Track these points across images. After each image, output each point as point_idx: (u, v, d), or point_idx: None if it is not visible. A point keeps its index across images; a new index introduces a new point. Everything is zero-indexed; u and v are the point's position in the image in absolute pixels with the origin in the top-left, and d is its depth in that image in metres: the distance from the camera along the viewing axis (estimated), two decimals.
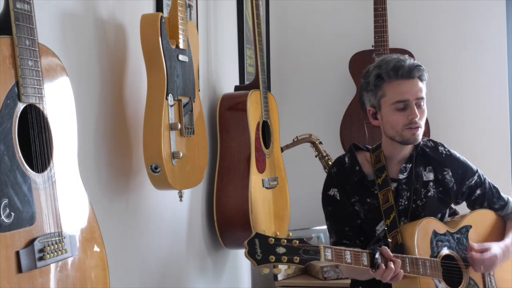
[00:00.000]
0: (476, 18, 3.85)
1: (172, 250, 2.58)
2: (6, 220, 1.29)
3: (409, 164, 2.37)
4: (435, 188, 2.38)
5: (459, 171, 2.43)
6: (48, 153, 1.44)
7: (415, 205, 2.34)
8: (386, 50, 3.68)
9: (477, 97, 3.84)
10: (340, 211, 2.37)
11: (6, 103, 1.33)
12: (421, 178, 2.37)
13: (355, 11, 3.95)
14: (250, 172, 2.82)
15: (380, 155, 2.38)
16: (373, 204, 2.34)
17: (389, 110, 2.29)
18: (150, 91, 2.14)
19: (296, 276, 3.55)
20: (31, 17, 1.39)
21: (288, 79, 4.05)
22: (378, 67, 2.31)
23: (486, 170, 2.56)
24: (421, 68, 2.31)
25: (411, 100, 2.27)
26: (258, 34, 2.99)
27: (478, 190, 2.46)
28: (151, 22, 2.13)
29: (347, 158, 2.42)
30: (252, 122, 2.86)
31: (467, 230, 2.37)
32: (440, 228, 2.31)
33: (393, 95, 2.28)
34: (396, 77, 2.27)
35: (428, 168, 2.39)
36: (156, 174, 2.10)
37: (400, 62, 2.28)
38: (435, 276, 2.20)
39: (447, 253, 2.28)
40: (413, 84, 2.28)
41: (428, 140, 2.47)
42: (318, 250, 1.92)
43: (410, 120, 2.27)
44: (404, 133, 2.29)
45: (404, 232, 2.26)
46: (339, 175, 2.40)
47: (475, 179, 2.45)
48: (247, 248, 1.86)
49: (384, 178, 2.33)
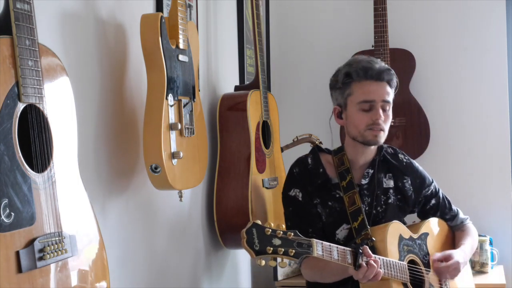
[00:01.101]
0: (476, 18, 3.85)
1: (172, 250, 2.58)
2: (6, 220, 1.29)
3: (371, 170, 2.38)
4: (395, 196, 2.40)
5: (417, 180, 2.46)
6: (48, 153, 1.44)
7: (375, 211, 2.35)
8: (386, 50, 3.68)
9: (477, 97, 3.84)
10: (302, 212, 2.36)
11: (6, 103, 1.33)
12: (381, 184, 2.39)
13: (355, 11, 3.95)
14: (250, 172, 2.82)
15: (343, 158, 2.38)
16: (334, 208, 2.34)
17: (354, 109, 2.30)
18: (150, 91, 2.14)
19: (296, 276, 3.55)
20: (31, 17, 1.39)
21: (288, 79, 4.04)
22: (349, 66, 2.34)
23: (486, 170, 2.56)
24: (391, 73, 2.32)
25: (377, 101, 2.28)
26: (258, 34, 2.99)
27: (433, 200, 2.50)
28: (151, 22, 2.13)
29: (309, 159, 2.42)
30: (252, 122, 2.86)
31: (425, 236, 2.41)
32: (405, 233, 2.33)
33: (360, 94, 2.29)
34: (365, 77, 2.29)
35: (388, 175, 2.41)
36: (156, 174, 2.10)
37: (371, 63, 2.31)
38: (404, 280, 2.22)
39: (412, 257, 2.31)
40: (381, 87, 2.30)
41: (388, 146, 2.48)
42: (311, 244, 1.92)
43: (374, 121, 2.28)
44: (366, 133, 2.30)
45: (374, 235, 2.26)
46: (301, 175, 2.39)
47: (431, 189, 2.50)
48: (245, 237, 1.83)
49: (349, 181, 2.34)
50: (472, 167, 3.78)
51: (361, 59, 2.34)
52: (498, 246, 3.64)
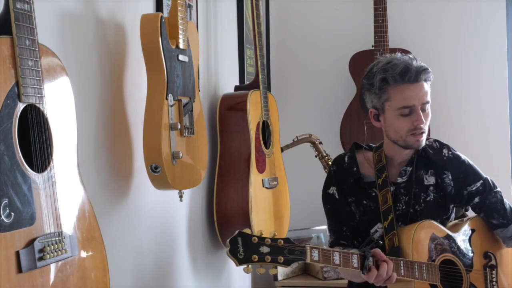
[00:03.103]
0: (476, 18, 3.85)
1: (172, 250, 2.58)
2: (6, 220, 1.29)
3: (409, 168, 2.30)
4: (436, 193, 2.30)
5: (461, 175, 2.32)
6: (48, 153, 1.44)
7: (413, 210, 2.27)
8: (386, 50, 3.68)
9: (477, 97, 3.84)
10: (338, 210, 2.33)
11: (6, 103, 1.33)
12: (421, 182, 2.29)
13: (355, 11, 3.95)
14: (250, 172, 2.82)
15: (382, 155, 2.31)
16: (368, 207, 2.29)
17: (394, 114, 2.20)
18: (150, 91, 2.14)
19: (296, 276, 3.55)
20: (31, 17, 1.39)
21: (288, 79, 4.05)
22: (384, 71, 2.21)
23: (486, 170, 2.54)
24: (428, 71, 2.21)
25: (417, 105, 2.18)
26: (258, 34, 2.99)
27: (476, 198, 2.33)
28: (151, 22, 2.13)
29: (346, 157, 2.38)
30: (252, 122, 2.86)
31: (470, 234, 2.30)
32: (440, 231, 2.23)
33: (399, 100, 2.19)
34: (402, 81, 2.18)
35: (430, 171, 2.31)
36: (156, 174, 2.10)
37: (408, 66, 2.19)
38: (432, 281, 2.13)
39: (447, 257, 2.21)
40: (419, 88, 2.19)
41: (435, 141, 2.38)
42: (304, 250, 1.87)
43: (415, 126, 2.18)
44: (408, 138, 2.21)
45: (401, 234, 2.20)
46: (338, 173, 2.35)
47: (477, 186, 2.33)
48: (229, 246, 1.82)
49: (384, 179, 2.27)
50: None
51: (398, 63, 2.21)
52: None
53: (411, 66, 2.19)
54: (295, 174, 3.70)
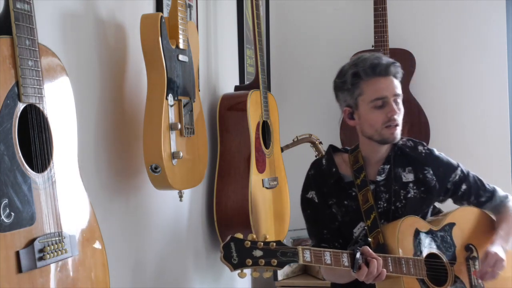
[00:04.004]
0: (476, 18, 3.85)
1: (172, 250, 2.58)
2: (6, 220, 1.29)
3: (387, 165, 2.34)
4: (416, 189, 2.34)
5: (440, 168, 2.40)
6: (48, 153, 1.44)
7: (394, 207, 2.31)
8: (386, 50, 3.68)
9: (477, 97, 3.84)
10: (318, 214, 2.35)
11: (6, 103, 1.33)
12: (400, 179, 2.34)
13: (355, 11, 3.95)
14: (250, 172, 2.82)
15: (358, 156, 2.36)
16: (350, 207, 2.32)
17: (367, 108, 2.27)
18: (150, 91, 2.14)
19: (296, 276, 3.56)
20: (31, 17, 1.39)
21: (288, 79, 4.05)
22: (355, 65, 2.30)
23: (486, 170, 2.56)
24: (397, 65, 2.31)
25: (389, 96, 2.27)
26: (258, 34, 2.99)
27: (463, 185, 2.42)
28: (151, 22, 2.13)
29: (324, 160, 2.42)
30: (252, 122, 2.86)
31: (450, 227, 2.35)
32: (423, 226, 2.28)
33: (371, 92, 2.27)
34: (373, 74, 2.27)
35: (408, 168, 2.36)
36: (156, 174, 2.10)
37: (377, 59, 2.28)
38: (419, 275, 2.17)
39: (431, 251, 2.26)
40: (390, 81, 2.28)
41: (408, 139, 2.44)
42: (296, 252, 1.90)
43: (389, 118, 2.25)
44: (383, 132, 2.27)
45: (386, 232, 2.23)
46: (316, 177, 2.39)
47: (458, 174, 2.42)
48: (222, 252, 1.84)
49: (363, 179, 2.31)
50: (472, 167, 3.75)
51: (367, 57, 2.31)
52: None
53: (380, 60, 2.28)
54: (295, 174, 3.68)
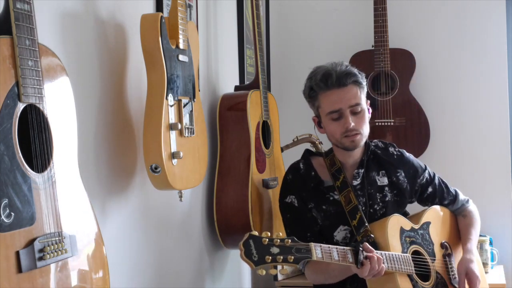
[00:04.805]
0: (476, 18, 3.85)
1: (172, 250, 2.58)
2: (6, 220, 1.29)
3: (361, 170, 2.37)
4: (391, 192, 2.39)
5: (411, 170, 2.44)
6: (48, 153, 1.44)
7: (372, 210, 2.35)
8: (386, 50, 3.68)
9: (477, 97, 3.84)
10: (299, 217, 2.37)
11: (6, 103, 1.33)
12: (375, 183, 2.38)
13: (355, 11, 3.95)
14: (250, 172, 2.82)
15: (334, 159, 2.39)
16: (329, 211, 2.35)
17: (326, 119, 2.31)
18: (150, 91, 2.14)
19: (296, 276, 3.55)
20: (31, 17, 1.39)
21: (288, 79, 4.04)
22: (309, 79, 2.34)
23: (486, 170, 2.56)
24: (352, 73, 2.28)
25: (344, 108, 2.27)
26: (258, 34, 2.99)
27: (429, 188, 2.47)
28: (151, 22, 2.13)
29: (301, 164, 2.43)
30: (252, 122, 2.86)
31: (427, 226, 2.41)
32: (406, 225, 2.33)
33: (326, 105, 2.29)
34: (326, 87, 2.27)
35: (381, 172, 2.40)
36: (156, 174, 2.10)
37: (329, 71, 2.27)
38: (408, 271, 2.23)
39: (415, 248, 2.31)
40: (345, 92, 2.27)
41: (379, 141, 2.48)
42: (309, 248, 1.93)
43: (346, 129, 2.27)
44: (343, 140, 2.30)
45: (374, 230, 2.28)
46: (295, 182, 2.40)
47: (425, 176, 2.47)
48: (243, 249, 1.84)
49: (343, 180, 2.34)
50: (472, 167, 3.78)
51: (320, 70, 2.31)
52: (498, 246, 3.64)
53: (332, 71, 2.27)
54: None
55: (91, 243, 1.57)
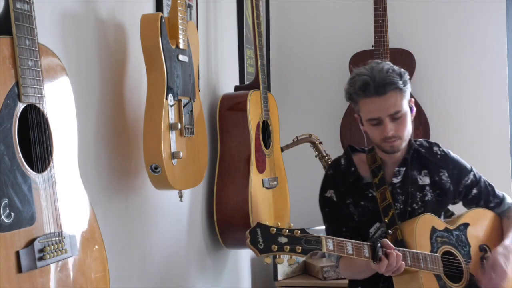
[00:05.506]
0: (476, 18, 3.85)
1: (172, 250, 2.58)
2: (6, 220, 1.29)
3: (403, 168, 2.36)
4: (432, 192, 2.37)
5: (455, 171, 2.42)
6: (48, 153, 1.44)
7: (411, 209, 2.34)
8: (386, 50, 3.68)
9: (477, 97, 3.84)
10: (337, 212, 2.39)
11: (6, 103, 1.33)
12: (416, 182, 2.37)
13: (355, 11, 3.95)
14: (250, 172, 2.82)
15: (376, 156, 2.38)
16: (366, 207, 2.35)
17: (366, 124, 2.29)
18: (150, 91, 2.14)
19: (296, 276, 3.55)
20: (31, 17, 1.39)
21: (288, 79, 4.05)
22: (349, 85, 2.28)
23: (486, 170, 2.56)
24: (393, 81, 2.19)
25: (383, 117, 2.22)
26: (258, 34, 2.99)
27: (474, 189, 2.45)
28: (151, 22, 2.13)
29: (343, 159, 2.44)
30: (252, 122, 2.86)
31: (465, 227, 2.38)
32: (439, 225, 2.31)
33: (365, 112, 2.26)
34: (364, 95, 2.22)
35: (424, 172, 2.38)
36: (156, 174, 2.10)
37: (367, 80, 2.20)
38: (435, 271, 2.21)
39: (447, 249, 2.29)
40: (384, 100, 2.21)
41: (424, 140, 2.47)
42: (320, 240, 1.94)
43: (385, 136, 2.25)
44: (382, 145, 2.29)
45: (404, 229, 2.27)
46: (335, 176, 2.41)
47: (470, 178, 2.45)
48: (249, 237, 1.88)
49: (381, 177, 2.34)
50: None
51: (359, 77, 2.23)
52: None
53: (371, 81, 2.20)
54: (295, 174, 3.70)
55: (91, 243, 1.57)
